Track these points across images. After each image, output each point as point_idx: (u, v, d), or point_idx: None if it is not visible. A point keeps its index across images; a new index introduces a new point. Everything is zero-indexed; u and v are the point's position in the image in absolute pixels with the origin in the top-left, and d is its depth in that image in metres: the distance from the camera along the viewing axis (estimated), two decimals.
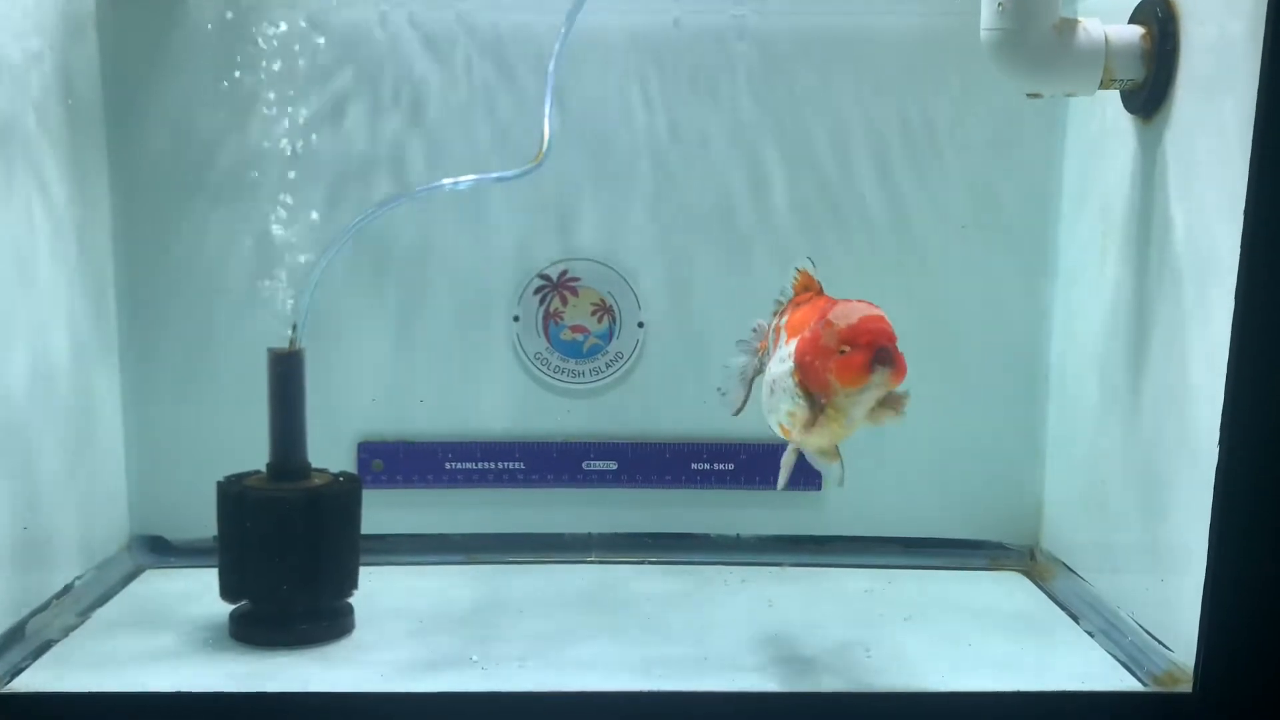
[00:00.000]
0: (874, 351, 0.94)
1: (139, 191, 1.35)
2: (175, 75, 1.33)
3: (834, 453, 1.05)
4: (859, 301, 0.99)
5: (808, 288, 1.08)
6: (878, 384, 0.95)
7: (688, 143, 1.37)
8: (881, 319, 0.96)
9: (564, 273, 1.40)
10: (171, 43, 1.32)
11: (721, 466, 1.43)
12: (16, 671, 1.09)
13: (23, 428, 1.16)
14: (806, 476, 1.42)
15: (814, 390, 0.98)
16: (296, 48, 1.31)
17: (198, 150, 1.34)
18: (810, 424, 0.99)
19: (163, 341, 1.37)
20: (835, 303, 1.00)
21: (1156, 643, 1.12)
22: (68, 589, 1.24)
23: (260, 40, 1.30)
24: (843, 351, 0.95)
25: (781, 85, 1.36)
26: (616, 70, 1.36)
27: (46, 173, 1.21)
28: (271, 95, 1.31)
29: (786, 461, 1.07)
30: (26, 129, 1.16)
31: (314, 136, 1.34)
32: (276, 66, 1.31)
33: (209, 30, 1.31)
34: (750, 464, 1.42)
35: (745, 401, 1.15)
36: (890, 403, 0.99)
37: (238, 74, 1.31)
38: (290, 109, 1.32)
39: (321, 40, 1.32)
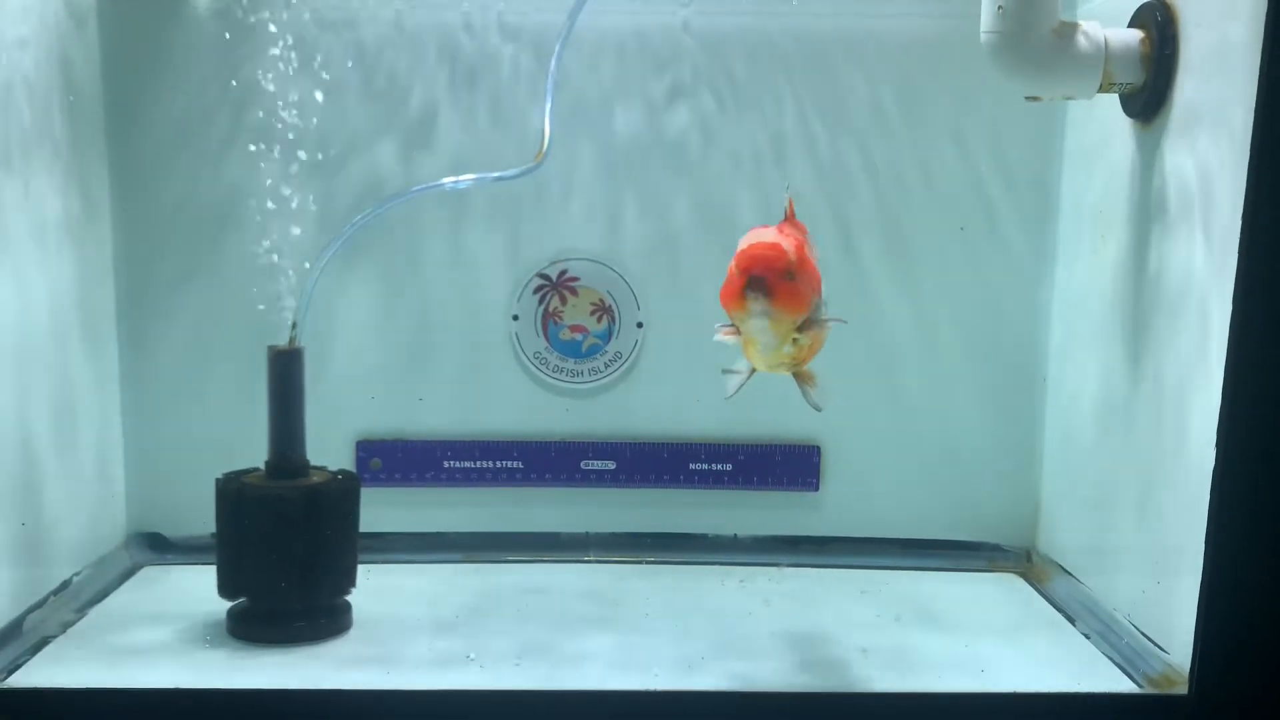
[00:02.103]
0: (746, 279, 0.93)
1: (139, 186, 1.35)
2: (176, 69, 1.33)
3: (806, 376, 1.04)
4: (770, 228, 0.97)
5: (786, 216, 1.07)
6: (755, 312, 0.94)
7: (688, 142, 1.37)
8: (772, 247, 0.94)
9: (563, 272, 1.40)
10: (172, 36, 1.32)
11: (719, 467, 1.43)
12: (14, 667, 1.09)
13: (20, 423, 1.16)
14: (803, 476, 1.43)
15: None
16: (297, 39, 1.31)
17: (199, 145, 1.34)
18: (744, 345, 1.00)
19: (162, 337, 1.37)
20: (768, 228, 0.99)
21: (1152, 645, 1.12)
22: (65, 585, 1.24)
23: (262, 31, 1.30)
24: None
25: (782, 86, 1.36)
26: (618, 69, 1.36)
27: (46, 167, 1.20)
28: (273, 88, 1.31)
29: (735, 376, 1.07)
30: (25, 123, 1.16)
31: (316, 128, 1.34)
32: (279, 58, 1.31)
33: (210, 22, 1.31)
34: (748, 465, 1.42)
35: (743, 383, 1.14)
36: (802, 378, 1.00)
37: (239, 67, 1.31)
38: (292, 102, 1.32)
39: (324, 32, 1.32)
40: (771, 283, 0.94)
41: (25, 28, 1.16)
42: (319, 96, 1.33)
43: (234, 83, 1.32)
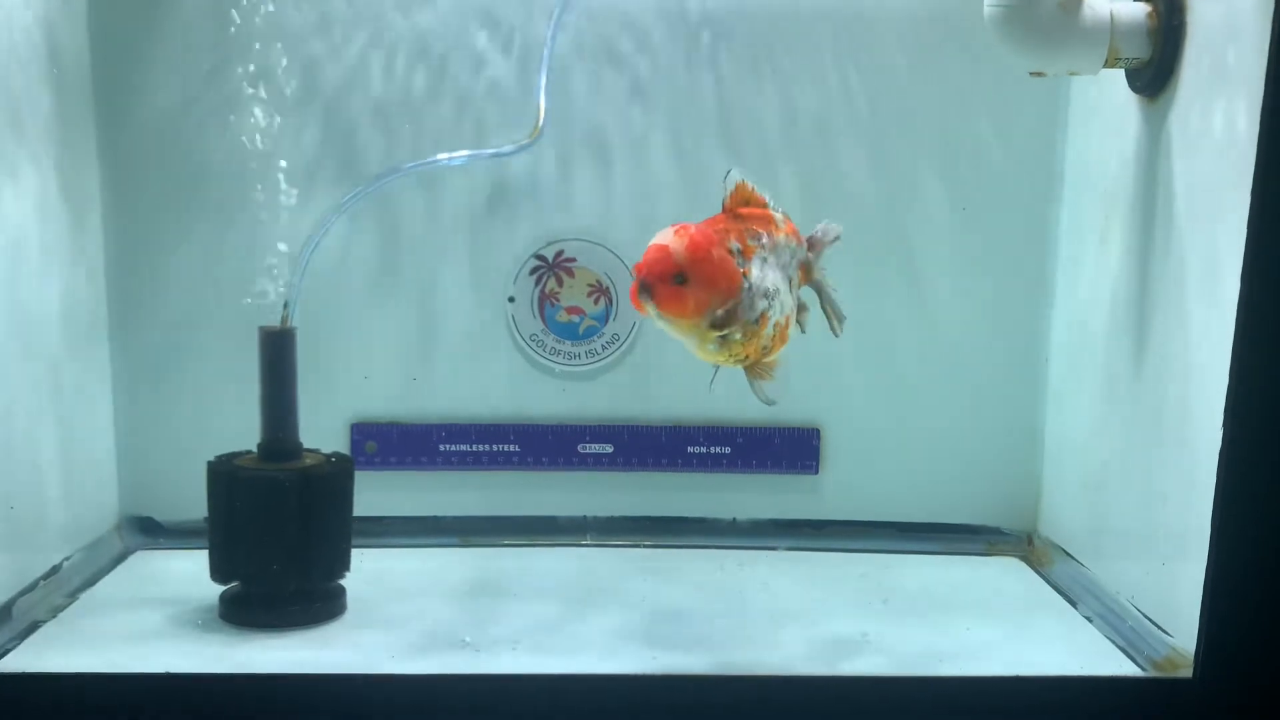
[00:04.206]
0: (638, 283, 0.96)
1: (128, 170, 1.33)
2: (165, 54, 1.31)
3: (759, 370, 1.04)
4: (682, 226, 0.98)
5: (748, 201, 1.04)
6: (652, 314, 0.96)
7: (686, 123, 1.36)
8: (659, 250, 0.96)
9: (560, 253, 1.38)
10: (162, 19, 1.31)
11: (718, 450, 1.42)
12: (3, 652, 1.08)
13: (10, 407, 1.14)
14: (802, 459, 1.42)
15: None
16: (289, 25, 1.29)
17: (189, 128, 1.32)
18: None
19: (153, 320, 1.36)
20: (676, 227, 0.98)
21: (1156, 628, 1.11)
22: (56, 570, 1.23)
23: (252, 17, 1.28)
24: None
25: (782, 64, 1.35)
26: (616, 48, 1.34)
27: (35, 151, 1.19)
28: (262, 72, 1.29)
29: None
30: (14, 107, 1.15)
31: (306, 113, 1.32)
32: (268, 43, 1.29)
33: (201, 6, 1.29)
34: (747, 448, 1.41)
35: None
36: (753, 371, 1.02)
37: (228, 53, 1.29)
38: (281, 86, 1.30)
39: (313, 15, 1.31)
40: (653, 288, 0.95)
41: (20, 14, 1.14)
42: (311, 75, 1.31)
43: (228, 62, 1.30)
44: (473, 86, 1.33)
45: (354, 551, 1.20)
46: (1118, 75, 1.18)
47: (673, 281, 0.95)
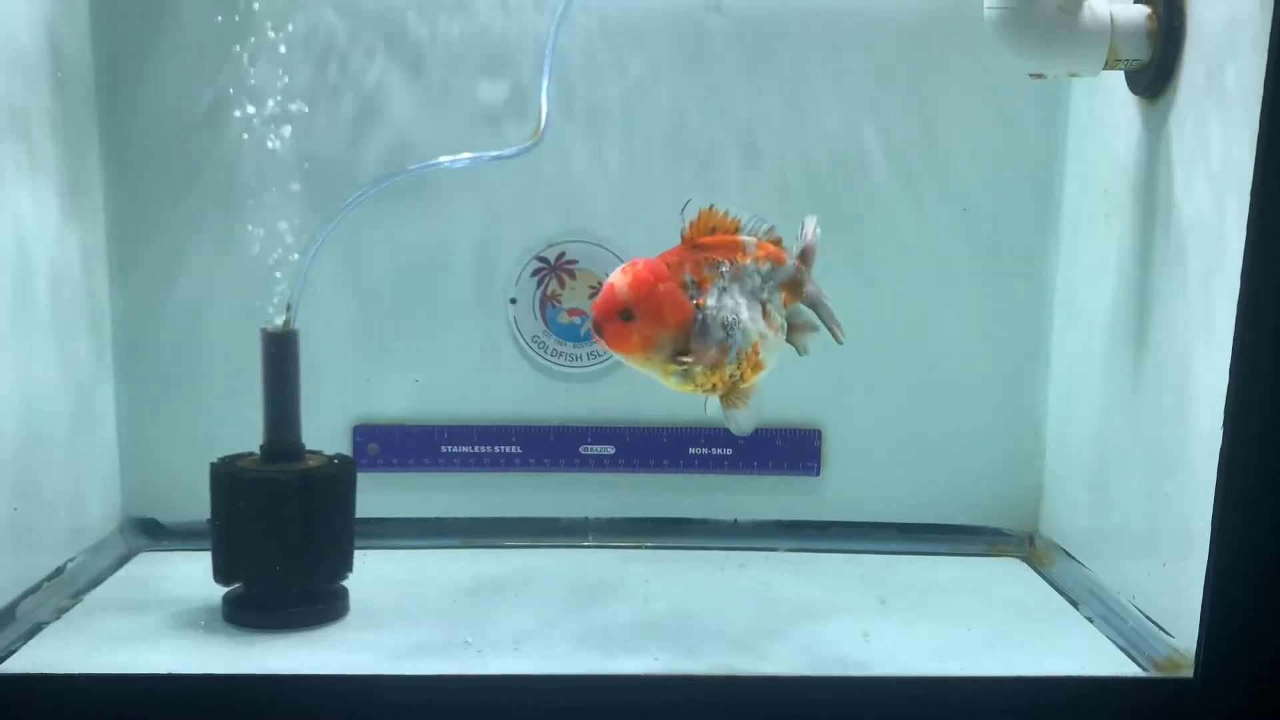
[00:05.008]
0: (592, 322, 1.02)
1: (133, 172, 1.33)
2: (168, 57, 1.31)
3: (731, 400, 1.06)
4: (637, 262, 1.03)
5: (714, 229, 1.06)
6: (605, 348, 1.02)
7: (686, 124, 1.36)
8: (607, 289, 1.01)
9: (561, 255, 1.39)
10: (165, 22, 1.31)
11: (719, 451, 1.42)
12: (8, 654, 1.08)
13: (14, 409, 1.14)
14: (804, 460, 1.42)
15: None
16: (290, 26, 1.30)
17: (192, 130, 1.33)
18: None
19: (156, 322, 1.36)
20: (631, 264, 1.03)
21: (1157, 628, 1.11)
22: (60, 571, 1.23)
23: (255, 17, 1.28)
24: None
25: (783, 66, 1.35)
26: (616, 49, 1.34)
27: (39, 153, 1.19)
28: (265, 73, 1.30)
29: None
30: (18, 110, 1.15)
31: (309, 116, 1.32)
32: (270, 44, 1.29)
33: (203, 8, 1.30)
34: (748, 449, 1.41)
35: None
36: (726, 401, 1.06)
37: (230, 54, 1.29)
38: (285, 87, 1.31)
39: (317, 16, 1.31)
40: (602, 325, 1.01)
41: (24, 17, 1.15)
42: (315, 76, 1.32)
43: (230, 63, 1.30)
44: (477, 88, 1.34)
45: (356, 553, 1.20)
46: (1118, 77, 1.18)
47: (620, 318, 1.00)
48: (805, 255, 1.11)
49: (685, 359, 1.02)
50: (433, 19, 1.33)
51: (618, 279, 1.01)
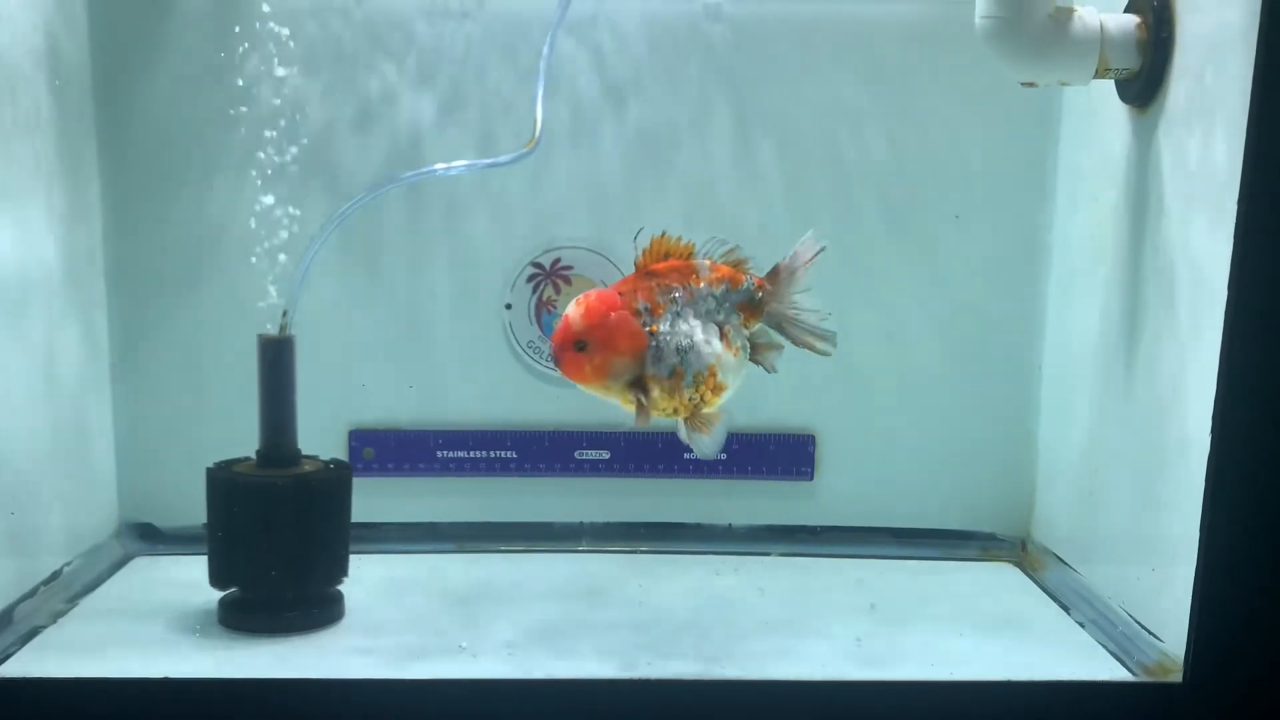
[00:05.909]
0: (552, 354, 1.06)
1: (129, 176, 1.34)
2: (167, 54, 1.31)
3: (695, 423, 1.09)
4: (590, 293, 1.06)
5: (668, 254, 1.08)
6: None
7: (681, 130, 1.37)
8: (564, 319, 1.04)
9: (556, 261, 1.39)
10: (162, 25, 1.31)
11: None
12: (4, 657, 1.09)
13: (11, 413, 1.15)
14: (798, 465, 1.43)
15: None
16: (288, 29, 1.30)
17: (190, 134, 1.33)
18: None
19: (153, 327, 1.36)
20: (585, 295, 1.06)
21: (1147, 633, 1.12)
22: (56, 575, 1.23)
23: (252, 20, 1.29)
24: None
25: (777, 74, 1.36)
26: (612, 56, 1.35)
27: (36, 156, 1.19)
28: (263, 77, 1.30)
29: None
30: (13, 116, 1.15)
31: (308, 119, 1.33)
32: (268, 47, 1.30)
33: (201, 9, 1.30)
34: (743, 454, 1.42)
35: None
36: (690, 424, 1.08)
37: (228, 58, 1.30)
38: (283, 91, 1.31)
39: (315, 20, 1.31)
40: (557, 355, 1.05)
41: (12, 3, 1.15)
42: (316, 77, 1.32)
43: (228, 69, 1.31)
44: (475, 96, 1.34)
45: (352, 557, 1.20)
46: (1108, 86, 1.19)
47: (575, 349, 1.03)
48: (773, 275, 1.11)
49: (639, 386, 1.05)
50: (439, 25, 1.33)
51: (571, 310, 1.05)
